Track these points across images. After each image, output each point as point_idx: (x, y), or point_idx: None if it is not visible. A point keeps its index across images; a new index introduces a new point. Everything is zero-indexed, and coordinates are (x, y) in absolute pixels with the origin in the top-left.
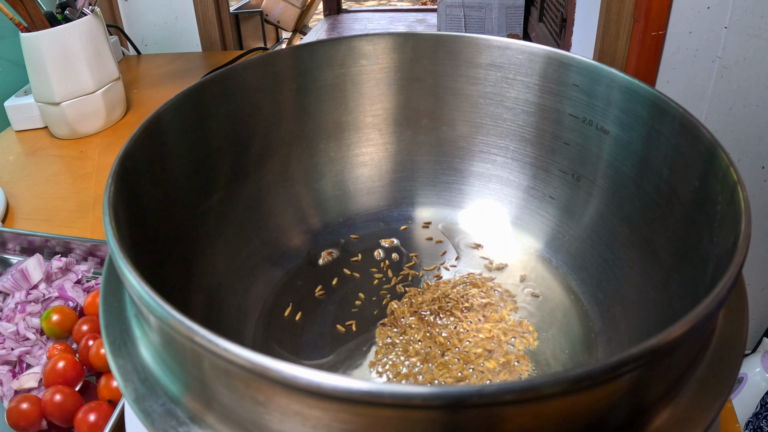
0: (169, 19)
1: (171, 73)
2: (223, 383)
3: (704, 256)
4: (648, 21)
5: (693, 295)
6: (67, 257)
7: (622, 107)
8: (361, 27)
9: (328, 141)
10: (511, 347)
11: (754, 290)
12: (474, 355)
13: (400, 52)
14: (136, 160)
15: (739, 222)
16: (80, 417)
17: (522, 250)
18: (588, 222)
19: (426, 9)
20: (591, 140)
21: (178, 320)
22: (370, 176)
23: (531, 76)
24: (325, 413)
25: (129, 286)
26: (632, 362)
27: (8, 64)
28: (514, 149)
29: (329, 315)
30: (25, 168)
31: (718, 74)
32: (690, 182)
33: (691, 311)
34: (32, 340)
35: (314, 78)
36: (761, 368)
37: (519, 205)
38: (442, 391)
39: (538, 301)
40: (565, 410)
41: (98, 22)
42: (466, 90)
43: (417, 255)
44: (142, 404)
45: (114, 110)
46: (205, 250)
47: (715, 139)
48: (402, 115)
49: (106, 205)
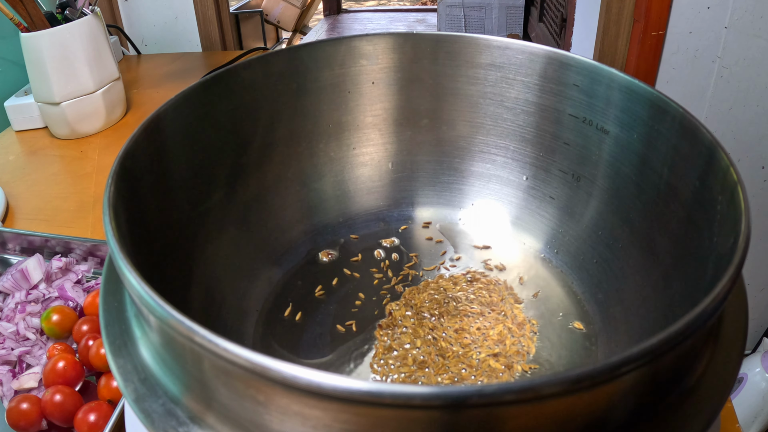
0: (169, 19)
1: (171, 73)
2: (223, 383)
3: (704, 256)
4: (648, 21)
5: (693, 295)
6: (67, 257)
7: (622, 107)
8: (361, 27)
9: (328, 141)
10: (511, 347)
11: (754, 290)
12: (473, 355)
13: (400, 52)
14: (136, 160)
15: (739, 222)
16: (80, 417)
17: (522, 250)
18: (588, 222)
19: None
20: (591, 140)
21: (178, 320)
22: (370, 176)
23: (531, 76)
24: (325, 413)
25: (129, 286)
26: (632, 362)
27: (8, 64)
28: (514, 149)
29: (329, 315)
30: (25, 168)
31: (718, 74)
32: (690, 182)
33: (691, 311)
34: (32, 340)
35: (314, 78)
36: (761, 368)
37: (519, 205)
38: (442, 391)
39: (538, 301)
40: (565, 410)
41: (98, 22)
42: (466, 90)
43: (417, 255)
44: (142, 404)
45: (114, 110)
46: (205, 250)
47: (715, 139)
48: (402, 115)
49: (106, 205)
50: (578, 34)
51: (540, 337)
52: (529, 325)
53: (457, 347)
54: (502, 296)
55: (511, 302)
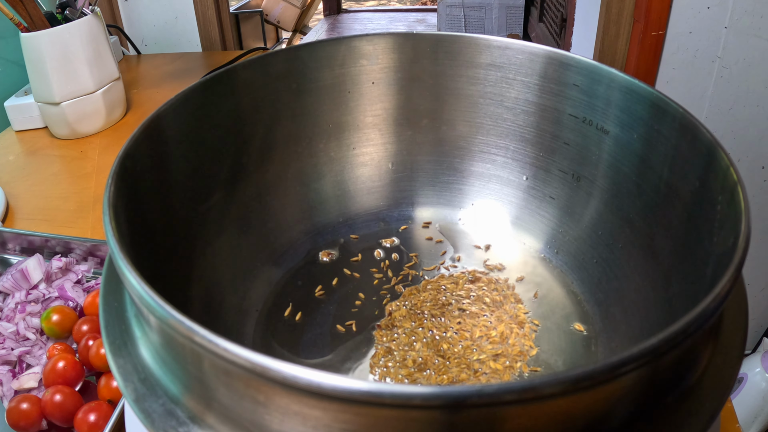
0: (169, 19)
1: (171, 73)
2: (223, 383)
3: (704, 256)
4: (648, 21)
5: (693, 295)
6: (67, 257)
7: (622, 107)
8: (361, 27)
9: (328, 141)
10: (512, 347)
11: (754, 290)
12: (474, 356)
13: (400, 52)
14: (136, 159)
15: (739, 222)
16: (80, 417)
17: (522, 250)
18: (588, 222)
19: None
20: (591, 140)
21: (178, 320)
22: (370, 176)
23: (531, 76)
24: (325, 413)
25: (129, 286)
26: (632, 362)
27: (8, 64)
28: (514, 149)
29: (329, 315)
30: (25, 168)
31: (718, 74)
32: (690, 182)
33: (691, 311)
34: (32, 340)
35: (314, 78)
36: (761, 368)
37: (519, 205)
38: (442, 391)
39: (538, 301)
40: (565, 410)
41: (98, 22)
42: (466, 90)
43: (417, 255)
44: (142, 404)
45: (114, 110)
46: (205, 250)
47: (715, 139)
48: (402, 115)
49: (106, 204)
50: (578, 34)
51: (540, 338)
52: (530, 325)
53: (457, 348)
54: (504, 296)
55: (512, 302)
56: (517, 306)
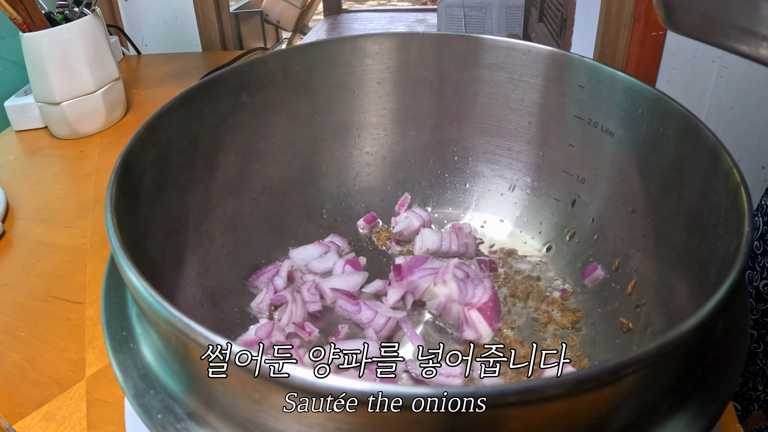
0: (169, 19)
1: (171, 73)
2: (221, 381)
3: (707, 257)
4: (648, 21)
5: (696, 297)
6: None
7: (626, 108)
8: (361, 27)
9: (332, 141)
10: (512, 349)
11: None
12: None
13: (406, 52)
14: (138, 158)
15: (742, 224)
16: None
17: (526, 251)
18: (592, 224)
19: (426, 9)
20: (595, 142)
21: (178, 320)
22: (374, 176)
23: (536, 77)
24: (323, 412)
25: (130, 285)
26: (634, 365)
27: (8, 64)
28: (518, 150)
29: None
30: (25, 168)
31: (718, 74)
32: (693, 184)
33: (694, 314)
34: None
35: (319, 77)
36: None
37: (523, 205)
38: (443, 391)
39: (539, 301)
40: (566, 412)
41: (98, 22)
42: (471, 90)
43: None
44: (141, 400)
45: (114, 110)
46: (206, 249)
47: (718, 140)
48: (407, 115)
49: (109, 202)
50: (578, 34)
51: (539, 338)
52: (529, 326)
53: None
54: (501, 295)
55: (511, 302)
56: (516, 306)
